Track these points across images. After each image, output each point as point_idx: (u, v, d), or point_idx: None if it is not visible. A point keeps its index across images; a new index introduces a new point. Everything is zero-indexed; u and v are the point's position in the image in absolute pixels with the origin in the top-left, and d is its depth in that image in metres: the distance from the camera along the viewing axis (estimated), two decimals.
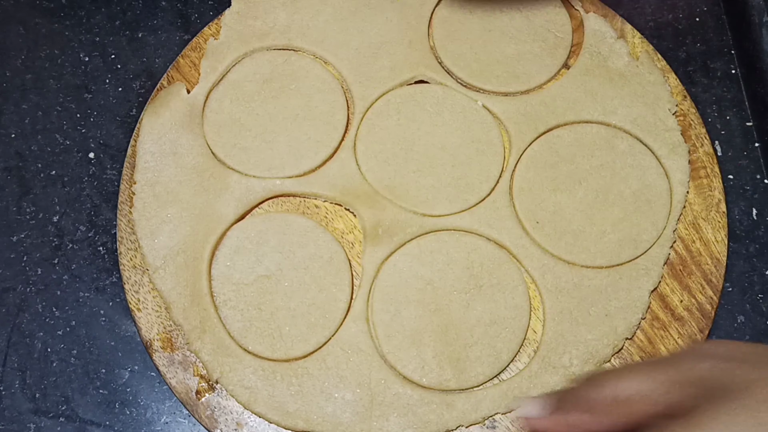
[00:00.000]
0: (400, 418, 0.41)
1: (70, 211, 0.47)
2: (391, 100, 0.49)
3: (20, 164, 0.48)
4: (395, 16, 0.51)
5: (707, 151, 0.48)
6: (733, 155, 0.50)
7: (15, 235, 0.46)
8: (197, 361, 0.42)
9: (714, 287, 0.45)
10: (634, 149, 0.48)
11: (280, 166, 0.46)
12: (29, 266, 0.46)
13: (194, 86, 0.48)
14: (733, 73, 0.52)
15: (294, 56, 0.50)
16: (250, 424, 0.41)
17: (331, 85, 0.49)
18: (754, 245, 0.48)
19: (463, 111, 0.48)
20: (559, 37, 0.51)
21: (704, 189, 0.47)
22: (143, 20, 0.52)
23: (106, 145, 0.49)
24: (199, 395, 0.42)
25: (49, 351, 0.44)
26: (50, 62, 0.51)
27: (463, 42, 0.50)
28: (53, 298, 0.45)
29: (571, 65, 0.50)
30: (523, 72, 0.50)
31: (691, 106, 0.49)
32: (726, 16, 0.54)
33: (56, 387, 0.43)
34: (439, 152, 0.47)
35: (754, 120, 0.51)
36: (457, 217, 0.46)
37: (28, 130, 0.49)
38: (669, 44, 0.53)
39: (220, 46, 0.49)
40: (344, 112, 0.48)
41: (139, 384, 0.43)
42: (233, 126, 0.47)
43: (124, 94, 0.50)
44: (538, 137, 0.48)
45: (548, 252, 0.45)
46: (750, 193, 0.49)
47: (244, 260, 0.44)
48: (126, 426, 0.43)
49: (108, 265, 0.46)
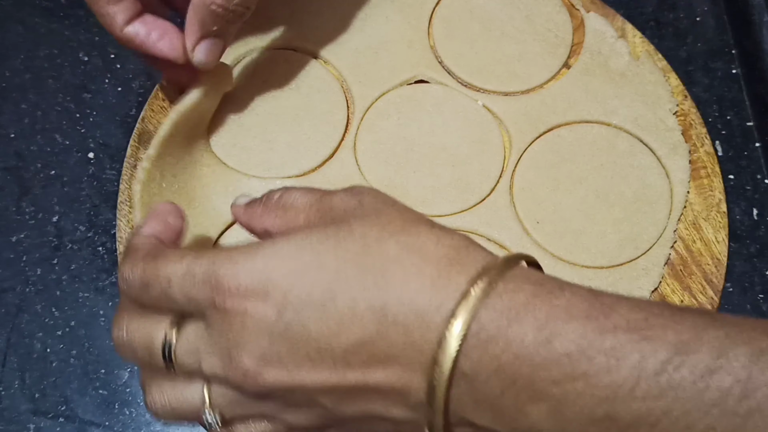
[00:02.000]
0: None
1: (70, 211, 0.47)
2: (391, 100, 0.48)
3: (19, 164, 0.48)
4: (395, 16, 0.51)
5: (708, 150, 0.48)
6: (733, 155, 0.50)
7: (14, 235, 0.46)
8: None
9: (714, 287, 0.45)
10: (634, 149, 0.47)
11: (280, 166, 0.46)
12: (28, 266, 0.46)
13: None
14: (733, 72, 0.52)
15: (294, 56, 0.49)
16: None
17: (331, 85, 0.49)
18: (754, 245, 0.48)
19: (463, 111, 0.48)
20: (560, 36, 0.50)
21: (705, 189, 0.47)
22: None
23: (106, 144, 0.49)
24: None
25: (48, 351, 0.44)
26: (49, 62, 0.51)
27: (463, 42, 0.50)
28: (53, 299, 0.45)
29: (572, 65, 0.50)
30: (523, 72, 0.49)
31: (692, 105, 0.49)
32: (727, 15, 0.54)
33: (56, 387, 0.43)
34: (439, 152, 0.47)
35: (754, 120, 0.51)
36: (457, 217, 0.46)
37: (28, 129, 0.49)
38: (670, 44, 0.53)
39: None
40: (344, 112, 0.48)
41: (138, 384, 0.43)
42: (233, 126, 0.47)
43: (124, 94, 0.50)
44: (539, 137, 0.48)
45: (548, 252, 0.45)
46: (751, 193, 0.49)
47: None
48: (126, 426, 0.42)
49: (107, 265, 0.46)
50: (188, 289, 0.28)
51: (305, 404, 0.29)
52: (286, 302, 0.27)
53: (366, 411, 0.28)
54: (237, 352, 0.28)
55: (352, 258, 0.27)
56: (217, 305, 0.28)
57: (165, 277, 0.29)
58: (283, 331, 0.27)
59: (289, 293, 0.27)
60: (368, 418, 0.29)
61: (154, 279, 0.29)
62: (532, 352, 0.25)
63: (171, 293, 0.29)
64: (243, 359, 0.28)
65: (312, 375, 0.27)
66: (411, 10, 0.51)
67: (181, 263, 0.29)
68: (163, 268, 0.29)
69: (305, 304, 0.27)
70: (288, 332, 0.27)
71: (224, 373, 0.28)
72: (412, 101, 0.48)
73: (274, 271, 0.27)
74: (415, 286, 0.26)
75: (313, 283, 0.27)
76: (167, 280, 0.29)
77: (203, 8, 0.38)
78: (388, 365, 0.27)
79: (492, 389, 0.26)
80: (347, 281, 0.27)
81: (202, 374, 0.30)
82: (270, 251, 0.28)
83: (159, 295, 0.29)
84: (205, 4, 0.38)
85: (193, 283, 0.28)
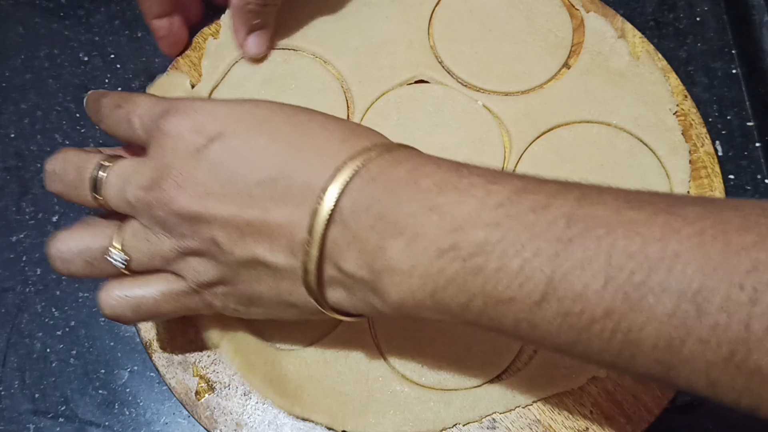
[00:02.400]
0: (395, 416, 0.41)
1: (70, 211, 0.47)
2: (391, 100, 0.48)
3: (19, 164, 0.48)
4: (395, 16, 0.51)
5: (708, 150, 0.48)
6: (733, 155, 0.50)
7: (14, 235, 0.46)
8: (197, 361, 0.42)
9: None
10: (634, 149, 0.47)
11: None
12: (28, 266, 0.46)
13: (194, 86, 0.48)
14: (734, 72, 0.52)
15: (293, 56, 0.49)
16: (249, 425, 0.41)
17: (331, 84, 0.49)
18: None
19: (463, 111, 0.48)
20: (560, 36, 0.50)
21: (705, 189, 0.47)
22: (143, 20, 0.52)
23: (105, 145, 0.49)
24: (198, 396, 0.42)
25: (48, 351, 0.44)
26: (49, 62, 0.51)
27: (463, 42, 0.50)
28: (52, 299, 0.45)
29: (572, 65, 0.50)
30: (523, 71, 0.49)
31: (692, 105, 0.49)
32: (727, 15, 0.54)
33: (55, 387, 0.43)
34: (439, 152, 0.46)
35: (755, 120, 0.51)
36: None
37: (27, 129, 0.49)
38: (670, 44, 0.53)
39: (220, 46, 0.49)
40: (344, 112, 0.48)
41: (138, 384, 0.43)
42: None
43: None
44: (539, 137, 0.48)
45: None
46: (751, 193, 0.49)
47: None
48: (125, 426, 0.42)
49: None
50: (146, 117, 0.34)
51: (204, 245, 0.32)
52: (217, 135, 0.31)
53: (253, 255, 0.31)
54: (162, 174, 0.32)
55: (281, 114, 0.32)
56: (160, 129, 0.32)
57: (134, 102, 0.35)
58: (206, 159, 0.31)
59: (223, 128, 0.31)
60: (254, 265, 0.32)
61: (125, 103, 0.35)
62: (401, 190, 0.29)
63: (131, 117, 0.34)
64: (164, 181, 0.32)
65: (218, 206, 0.31)
66: (411, 10, 0.51)
67: (152, 98, 0.35)
68: (136, 98, 0.35)
69: (233, 137, 0.31)
70: (209, 160, 0.31)
71: (143, 195, 0.32)
72: (412, 101, 0.48)
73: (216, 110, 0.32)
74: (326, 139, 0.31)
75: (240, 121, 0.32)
76: (134, 105, 0.34)
77: (243, 9, 0.45)
78: (284, 204, 0.30)
79: (363, 224, 0.29)
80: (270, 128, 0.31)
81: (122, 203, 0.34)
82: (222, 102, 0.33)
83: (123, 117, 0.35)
84: (243, 5, 0.45)
85: (152, 111, 0.34)
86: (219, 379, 0.42)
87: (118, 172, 0.34)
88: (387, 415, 0.41)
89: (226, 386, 0.42)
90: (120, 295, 0.35)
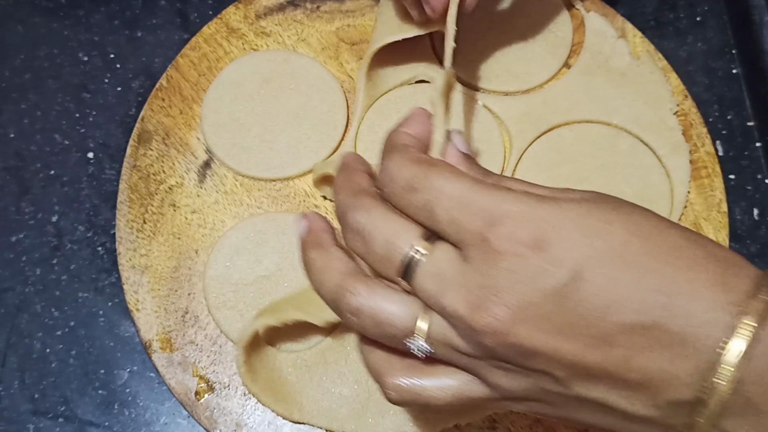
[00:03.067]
0: (396, 416, 0.41)
1: (69, 211, 0.47)
2: (391, 100, 0.48)
3: (19, 164, 0.48)
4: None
5: (708, 150, 0.48)
6: (734, 155, 0.50)
7: (14, 236, 0.46)
8: (197, 361, 0.42)
9: None
10: (635, 149, 0.47)
11: (280, 165, 0.46)
12: (28, 266, 0.46)
13: (192, 86, 0.48)
14: (734, 72, 0.52)
15: (293, 56, 0.49)
16: (249, 425, 0.41)
17: (331, 84, 0.49)
18: (755, 245, 0.47)
19: (464, 111, 0.48)
20: (560, 36, 0.50)
21: (705, 189, 0.47)
22: (142, 19, 0.52)
23: (105, 144, 0.49)
24: (198, 396, 0.42)
25: (48, 351, 0.44)
26: (49, 62, 0.51)
27: (463, 42, 0.50)
28: (52, 299, 0.45)
29: (572, 65, 0.50)
30: (523, 71, 0.49)
31: (692, 105, 0.49)
32: (727, 15, 0.54)
33: (55, 387, 0.43)
34: None
35: (755, 120, 0.51)
36: None
37: (27, 129, 0.49)
38: (670, 44, 0.52)
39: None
40: (344, 112, 0.48)
41: (138, 384, 0.43)
42: (233, 126, 0.47)
43: (123, 94, 0.50)
44: (539, 137, 0.48)
45: None
46: (751, 192, 0.49)
47: (243, 260, 0.44)
48: (125, 426, 0.42)
49: (107, 265, 0.46)
50: (458, 213, 0.26)
51: (535, 372, 0.26)
52: (567, 261, 0.25)
53: (601, 398, 0.26)
54: (493, 296, 0.25)
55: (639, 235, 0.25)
56: (488, 242, 0.25)
57: (436, 189, 0.27)
58: (554, 291, 0.25)
59: (572, 253, 0.25)
60: (596, 406, 0.26)
61: (423, 186, 0.27)
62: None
63: (435, 209, 0.27)
64: (496, 306, 0.25)
65: (565, 344, 0.25)
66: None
67: (458, 182, 0.27)
68: (437, 179, 0.27)
69: (586, 269, 0.25)
70: (560, 293, 0.25)
71: (466, 313, 0.26)
72: (412, 101, 0.48)
73: (560, 226, 0.25)
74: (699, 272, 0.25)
75: (597, 249, 0.25)
76: (437, 193, 0.27)
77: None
78: (652, 352, 0.25)
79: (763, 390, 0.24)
80: (634, 258, 0.25)
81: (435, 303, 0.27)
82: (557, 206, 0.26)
83: (420, 204, 0.27)
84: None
85: (467, 210, 0.26)
86: (219, 380, 0.42)
87: (435, 271, 0.27)
88: (387, 415, 0.41)
89: (225, 386, 0.42)
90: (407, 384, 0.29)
